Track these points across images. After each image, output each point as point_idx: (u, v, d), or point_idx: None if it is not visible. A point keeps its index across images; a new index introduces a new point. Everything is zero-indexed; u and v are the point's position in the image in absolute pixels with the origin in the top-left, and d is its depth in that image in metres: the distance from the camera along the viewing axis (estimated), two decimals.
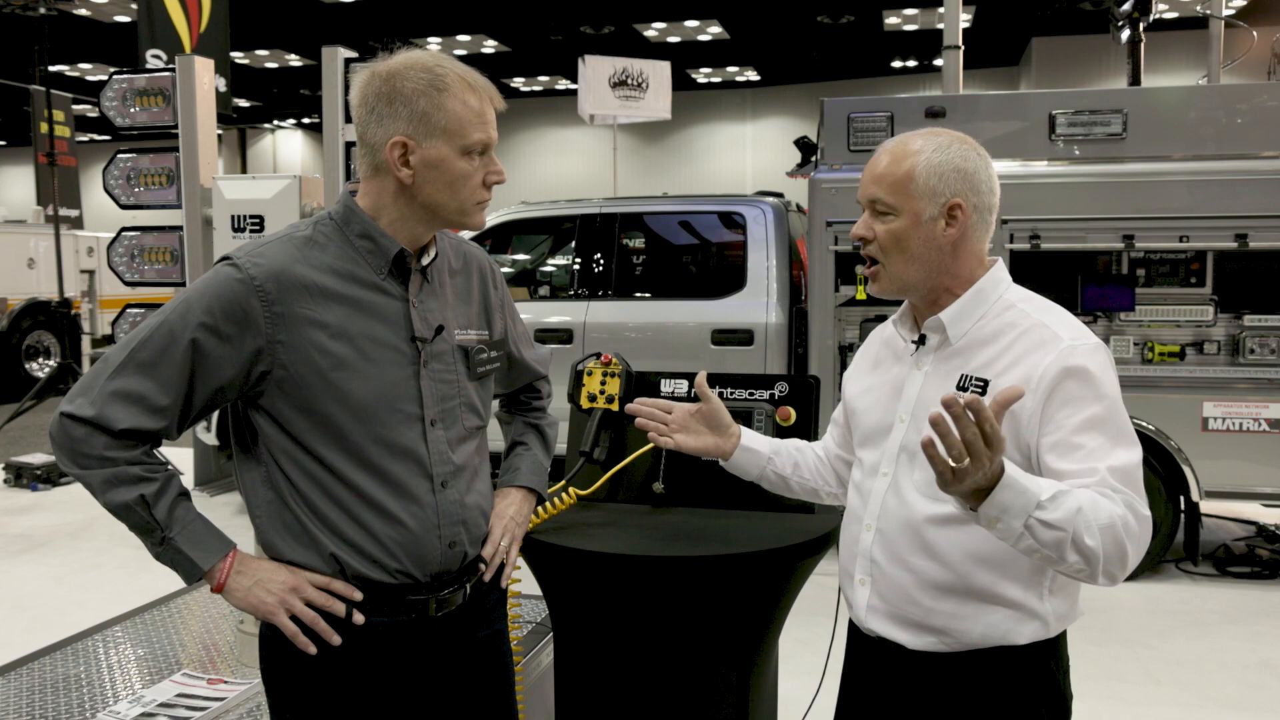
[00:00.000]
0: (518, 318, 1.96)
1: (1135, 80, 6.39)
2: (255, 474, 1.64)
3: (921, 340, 1.69)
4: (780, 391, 2.43)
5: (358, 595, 1.61)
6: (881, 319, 5.61)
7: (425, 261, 1.69)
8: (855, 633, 1.79)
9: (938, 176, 1.60)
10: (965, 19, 14.66)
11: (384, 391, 1.61)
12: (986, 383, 1.58)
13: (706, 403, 1.94)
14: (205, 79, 5.01)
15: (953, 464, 1.31)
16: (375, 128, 1.59)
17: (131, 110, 5.33)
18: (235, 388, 1.58)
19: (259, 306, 1.55)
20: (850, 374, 1.87)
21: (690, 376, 2.50)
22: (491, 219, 6.15)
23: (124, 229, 5.49)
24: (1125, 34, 6.47)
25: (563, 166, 22.79)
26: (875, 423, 1.73)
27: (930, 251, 1.62)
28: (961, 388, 1.60)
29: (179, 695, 2.45)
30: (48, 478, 7.11)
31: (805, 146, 6.02)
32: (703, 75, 21.21)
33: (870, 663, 1.75)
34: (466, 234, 1.79)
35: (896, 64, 19.84)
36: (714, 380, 2.48)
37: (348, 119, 4.29)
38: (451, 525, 1.68)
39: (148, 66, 8.23)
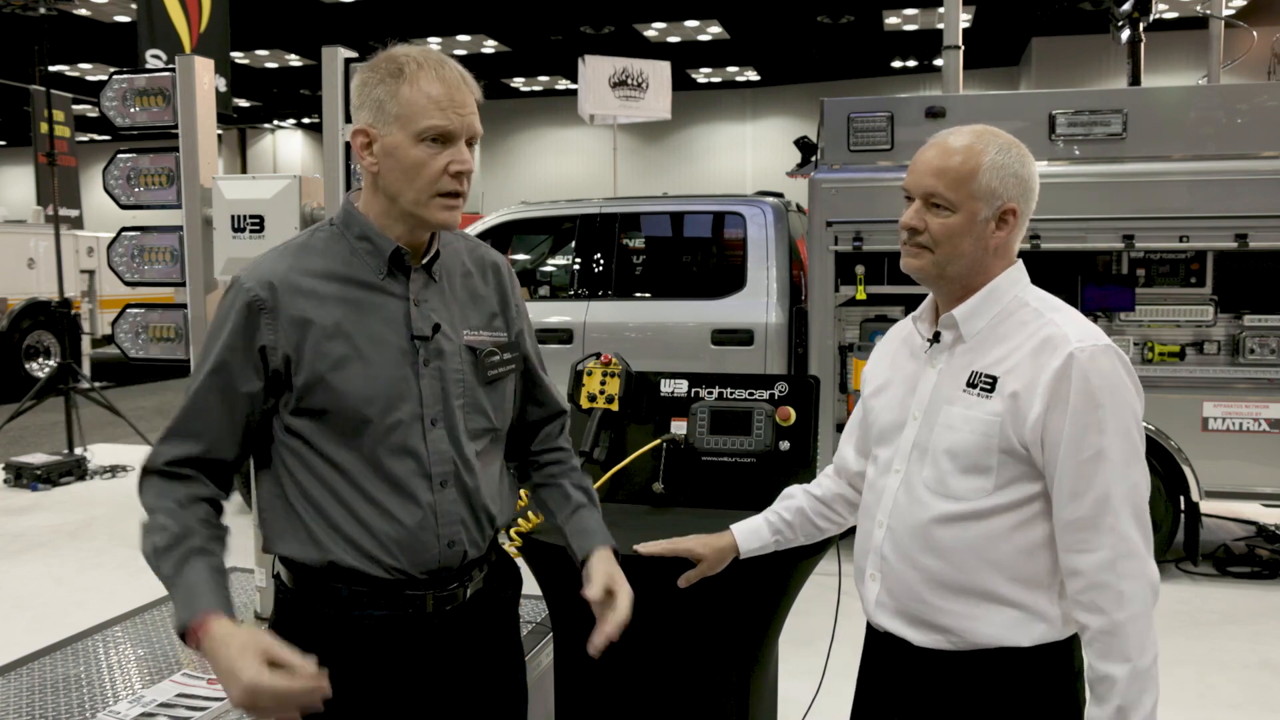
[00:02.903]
0: (533, 337, 1.91)
1: (1135, 80, 6.38)
2: (264, 472, 1.68)
3: (936, 338, 1.69)
4: (780, 391, 2.43)
5: (325, 691, 1.46)
6: (882, 319, 5.64)
7: (425, 260, 1.69)
8: (870, 627, 1.81)
9: (999, 179, 1.60)
10: (965, 19, 14.66)
11: (383, 390, 1.61)
12: (995, 380, 1.59)
13: (692, 555, 1.95)
14: (205, 79, 4.99)
15: None
16: (354, 120, 1.64)
17: (131, 110, 5.32)
18: (264, 396, 1.62)
19: (258, 313, 1.59)
20: (867, 372, 1.87)
21: (689, 376, 2.50)
22: (491, 219, 6.15)
23: (124, 229, 5.48)
24: (1125, 34, 6.46)
25: (563, 166, 22.79)
26: (890, 420, 1.74)
27: (977, 251, 1.63)
28: (971, 384, 1.61)
29: (179, 695, 2.44)
30: (48, 478, 7.11)
31: (805, 146, 6.02)
32: (703, 75, 21.21)
33: (881, 658, 1.76)
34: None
35: (896, 64, 19.85)
36: (714, 380, 2.48)
37: (348, 119, 4.28)
38: (450, 524, 1.68)
39: (148, 66, 8.23)
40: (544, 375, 1.93)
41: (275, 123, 26.23)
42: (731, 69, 20.86)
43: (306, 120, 25.80)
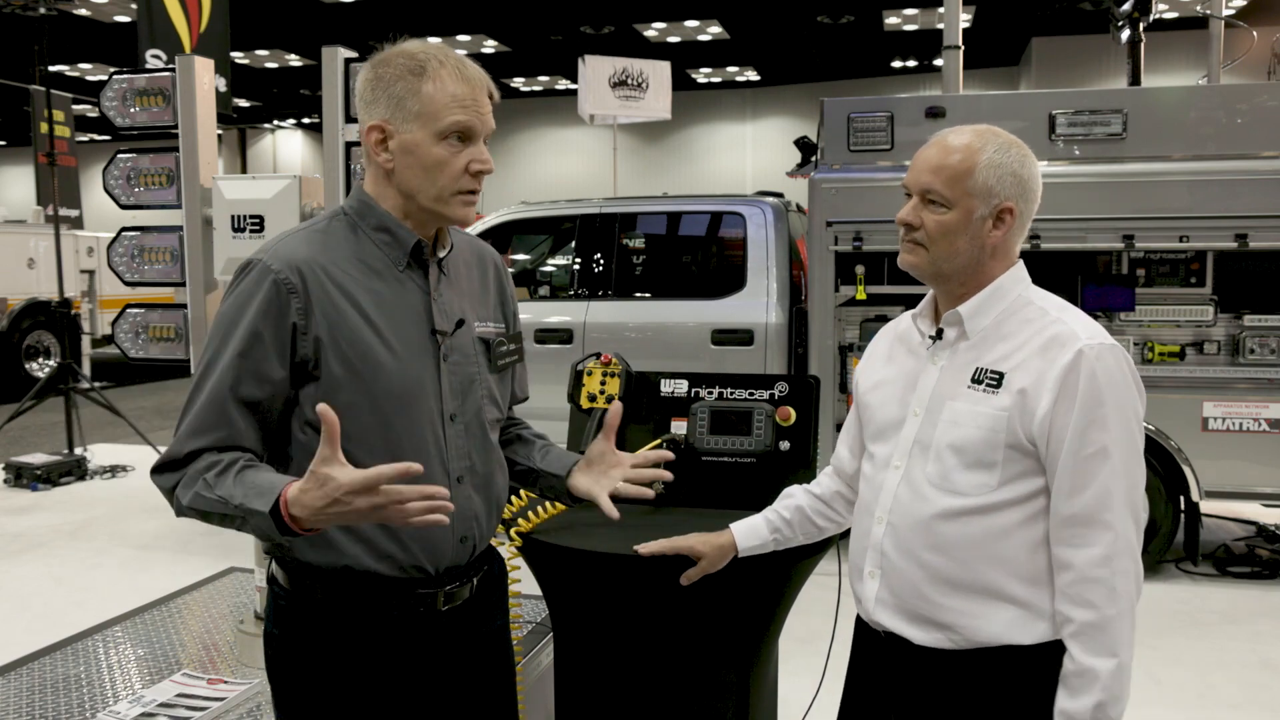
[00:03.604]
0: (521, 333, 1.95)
1: (1135, 80, 6.38)
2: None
3: (938, 335, 1.70)
4: (780, 391, 2.42)
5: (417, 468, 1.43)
6: (882, 319, 5.66)
7: (441, 254, 1.68)
8: (861, 626, 1.80)
9: (996, 178, 1.61)
10: (965, 19, 14.66)
11: (406, 385, 1.60)
12: (1002, 375, 1.60)
13: (693, 553, 1.94)
14: (205, 79, 4.99)
15: None
16: (363, 116, 1.60)
17: (131, 110, 5.33)
18: (287, 384, 1.57)
19: (288, 295, 1.54)
20: (862, 370, 1.87)
21: (689, 376, 2.50)
22: (491, 219, 6.15)
23: (124, 229, 5.49)
24: (1125, 34, 6.46)
25: (563, 166, 22.79)
26: (889, 417, 1.73)
27: (974, 249, 1.63)
28: (976, 380, 1.62)
29: (179, 695, 2.45)
30: (48, 478, 7.11)
31: (805, 146, 6.02)
32: (703, 75, 21.21)
33: (876, 657, 1.75)
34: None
35: (896, 64, 19.85)
36: (714, 380, 2.48)
37: (348, 119, 4.29)
38: (464, 520, 1.68)
39: (148, 66, 8.23)
40: (525, 368, 1.97)
41: (275, 123, 26.23)
42: (731, 69, 20.86)
43: (306, 120, 25.79)
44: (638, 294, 5.82)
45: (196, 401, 1.55)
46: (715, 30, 17.25)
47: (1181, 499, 4.90)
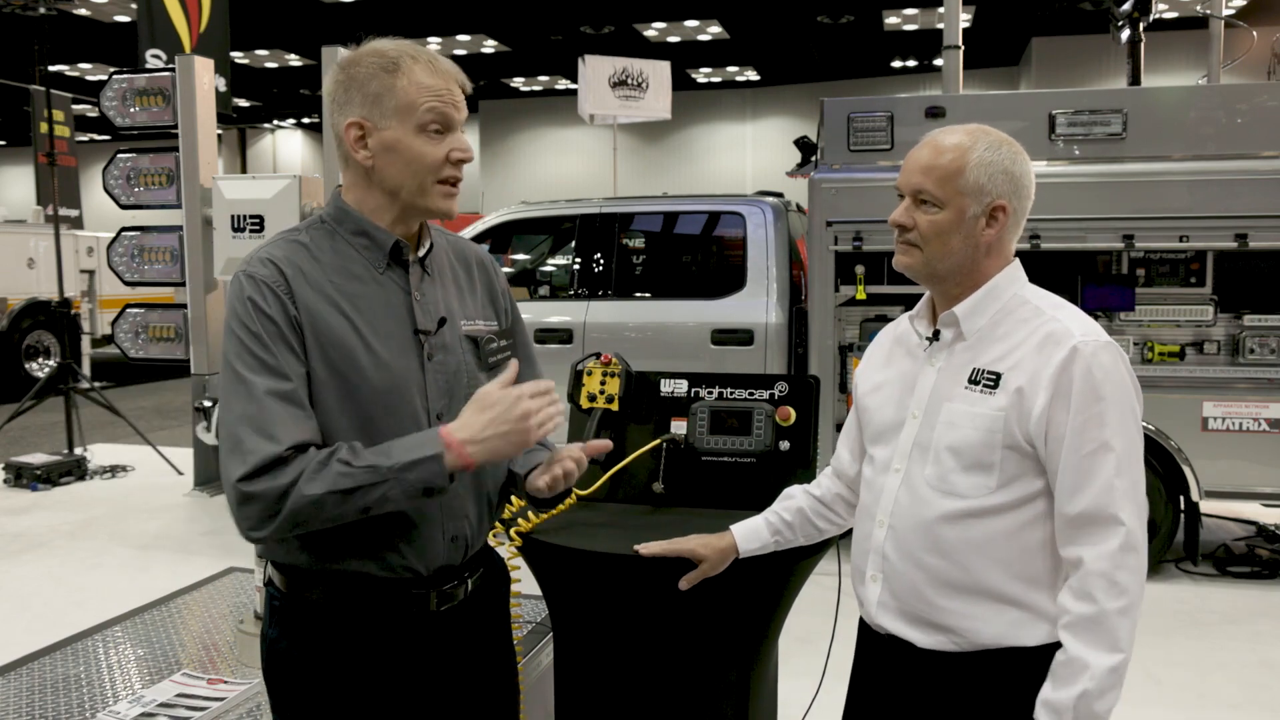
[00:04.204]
0: (524, 328, 1.92)
1: (1135, 80, 6.38)
2: None
3: (935, 336, 1.69)
4: (780, 391, 2.42)
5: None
6: (882, 319, 5.64)
7: (421, 252, 1.69)
8: (865, 630, 1.80)
9: (987, 176, 1.61)
10: (965, 19, 14.66)
11: (390, 386, 1.60)
12: (999, 376, 1.60)
13: (694, 555, 1.93)
14: (205, 79, 5.00)
15: None
16: (338, 117, 1.61)
17: (131, 110, 5.34)
18: (305, 375, 1.55)
19: (280, 295, 1.55)
20: (861, 372, 1.87)
21: (689, 376, 2.50)
22: (491, 219, 6.15)
23: (124, 229, 5.49)
24: (1125, 34, 6.47)
25: (563, 166, 22.80)
26: (888, 419, 1.73)
27: (967, 248, 1.63)
28: (973, 381, 1.61)
29: (179, 695, 2.44)
30: (48, 478, 7.11)
31: (805, 146, 6.02)
32: (703, 75, 21.22)
33: (880, 660, 1.75)
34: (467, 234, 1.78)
35: (896, 64, 19.86)
36: (714, 380, 2.48)
37: None
38: (454, 520, 1.67)
39: (148, 66, 8.23)
40: (535, 363, 1.92)
41: (275, 123, 26.24)
42: (731, 69, 20.87)
43: (306, 120, 25.80)
44: (638, 294, 5.82)
45: (270, 411, 1.49)
46: (715, 30, 17.25)
47: (1181, 499, 4.90)
